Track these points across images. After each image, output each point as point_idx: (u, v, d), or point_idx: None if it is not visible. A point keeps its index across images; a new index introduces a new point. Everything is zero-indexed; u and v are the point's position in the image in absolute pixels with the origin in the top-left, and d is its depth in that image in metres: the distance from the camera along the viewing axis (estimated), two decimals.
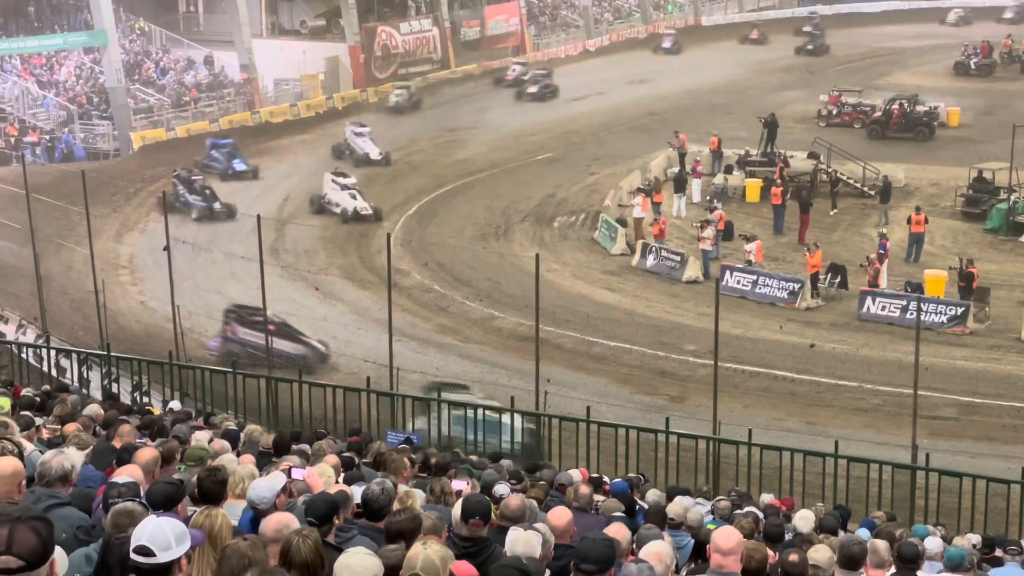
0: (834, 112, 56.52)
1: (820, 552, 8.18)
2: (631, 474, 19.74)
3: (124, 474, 7.99)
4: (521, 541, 7.08)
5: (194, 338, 31.64)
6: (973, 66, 67.40)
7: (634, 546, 8.46)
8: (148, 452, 9.17)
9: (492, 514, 8.28)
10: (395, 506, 8.31)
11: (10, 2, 58.05)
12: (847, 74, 66.97)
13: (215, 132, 54.52)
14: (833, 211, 43.01)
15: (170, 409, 19.77)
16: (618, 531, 8.03)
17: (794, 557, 8.05)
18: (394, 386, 25.68)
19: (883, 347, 31.26)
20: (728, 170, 46.90)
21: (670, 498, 13.75)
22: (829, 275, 35.64)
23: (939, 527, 17.30)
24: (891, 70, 69.27)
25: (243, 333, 30.69)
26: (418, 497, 9.54)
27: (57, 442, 11.21)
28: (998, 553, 14.43)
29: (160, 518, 5.54)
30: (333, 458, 12.07)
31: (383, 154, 51.82)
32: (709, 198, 43.52)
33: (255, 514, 7.85)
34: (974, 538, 15.23)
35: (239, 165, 49.30)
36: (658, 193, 43.32)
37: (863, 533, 13.46)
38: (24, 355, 26.31)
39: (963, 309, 32.80)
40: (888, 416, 27.47)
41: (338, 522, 7.56)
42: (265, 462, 11.60)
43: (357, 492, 8.60)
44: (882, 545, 9.05)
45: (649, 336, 32.45)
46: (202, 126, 55.67)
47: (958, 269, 34.21)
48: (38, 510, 4.77)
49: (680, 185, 44.56)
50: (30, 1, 58.49)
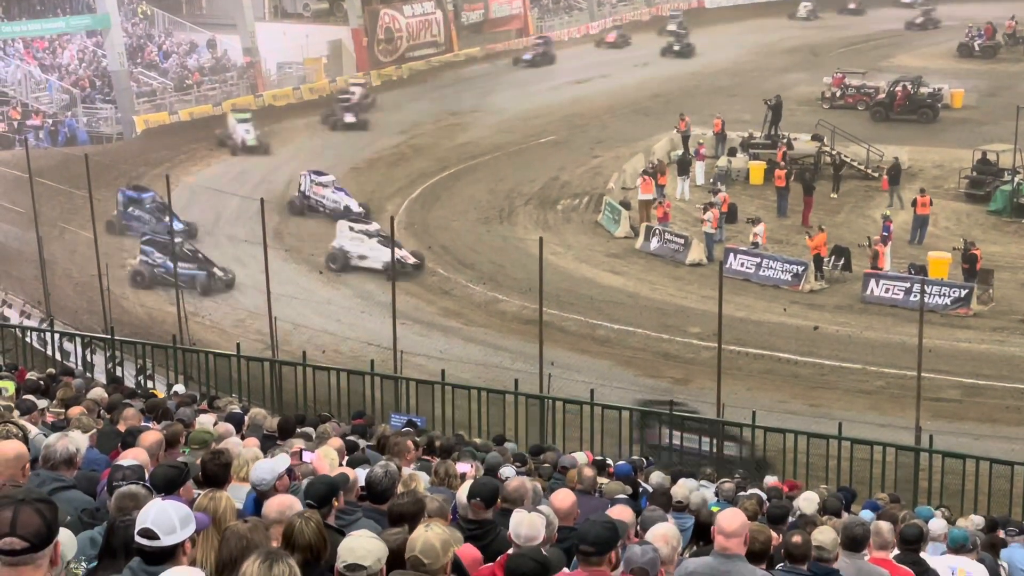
0: (838, 94, 56.31)
1: (824, 534, 8.17)
2: (635, 457, 19.77)
3: (128, 457, 8.00)
4: (525, 523, 7.08)
5: (198, 322, 31.70)
6: (977, 47, 67.16)
7: (638, 528, 8.48)
8: (152, 435, 9.18)
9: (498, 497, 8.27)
10: (399, 489, 8.32)
11: None
12: (851, 56, 66.72)
13: (217, 115, 54.45)
14: (833, 195, 42.85)
15: (174, 392, 19.77)
16: (622, 513, 8.03)
17: (797, 539, 8.06)
18: (398, 369, 25.74)
19: (887, 329, 31.25)
20: (732, 152, 46.82)
21: (674, 480, 13.78)
22: (833, 257, 35.60)
23: (943, 508, 17.31)
24: (894, 52, 69.06)
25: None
26: (422, 480, 9.54)
27: (61, 426, 11.23)
28: (1000, 534, 14.42)
29: (165, 501, 5.55)
30: (337, 441, 12.09)
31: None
32: (713, 181, 43.45)
33: (258, 496, 7.87)
34: (977, 519, 15.24)
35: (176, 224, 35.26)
36: (662, 175, 43.25)
37: (867, 515, 13.48)
38: (28, 339, 26.34)
39: (967, 291, 32.77)
40: (892, 398, 27.48)
41: (338, 504, 7.56)
42: (269, 445, 11.62)
43: (361, 475, 8.60)
44: (885, 527, 9.04)
45: (653, 319, 32.44)
46: (205, 109, 55.59)
47: (962, 251, 34.16)
48: (42, 492, 4.78)
49: (684, 168, 44.51)
50: None
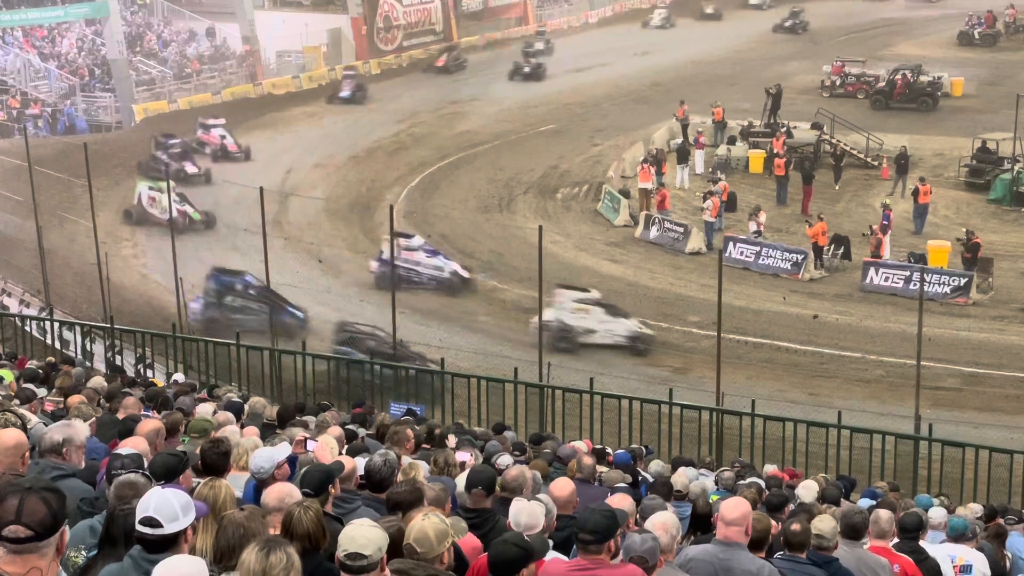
0: (837, 83, 56.21)
1: (823, 522, 8.18)
2: (634, 445, 19.77)
3: (128, 446, 8.00)
4: (525, 512, 7.09)
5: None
6: (977, 36, 66.97)
7: (637, 517, 8.48)
8: (152, 424, 9.19)
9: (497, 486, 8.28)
10: (398, 477, 8.32)
11: None
12: (851, 44, 66.61)
13: (217, 104, 54.39)
14: (836, 186, 42.77)
15: (174, 381, 19.79)
16: (621, 502, 8.04)
17: (796, 527, 8.07)
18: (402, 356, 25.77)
19: (886, 318, 31.24)
20: (731, 141, 46.77)
21: (674, 469, 13.79)
22: (832, 246, 35.59)
23: (942, 497, 17.33)
24: (894, 40, 68.88)
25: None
26: (421, 469, 9.55)
27: (60, 414, 11.23)
28: (999, 522, 14.42)
29: (166, 489, 5.55)
30: (337, 430, 12.10)
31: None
32: (712, 169, 43.42)
33: (257, 485, 7.87)
34: (976, 508, 15.25)
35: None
36: (663, 163, 43.20)
37: (866, 503, 13.50)
38: (28, 328, 26.32)
39: (966, 280, 32.76)
40: (891, 387, 27.50)
41: (334, 492, 7.55)
42: (269, 434, 11.62)
43: (361, 464, 8.60)
44: (885, 515, 9.06)
45: (652, 307, 32.44)
46: (204, 98, 55.53)
47: (964, 241, 34.13)
48: (50, 482, 4.77)
49: (683, 156, 44.47)
50: None
